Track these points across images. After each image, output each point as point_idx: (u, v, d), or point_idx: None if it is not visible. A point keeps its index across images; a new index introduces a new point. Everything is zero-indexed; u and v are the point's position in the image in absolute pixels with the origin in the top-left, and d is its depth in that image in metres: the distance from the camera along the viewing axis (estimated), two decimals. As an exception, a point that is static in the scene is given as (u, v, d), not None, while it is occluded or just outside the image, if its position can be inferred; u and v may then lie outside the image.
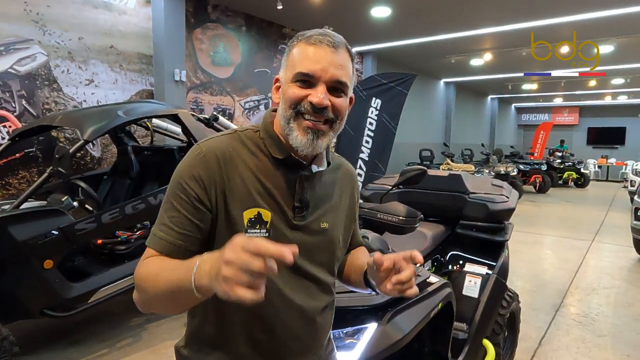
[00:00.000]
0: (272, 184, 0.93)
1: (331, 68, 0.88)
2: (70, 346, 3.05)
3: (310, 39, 0.91)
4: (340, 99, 0.91)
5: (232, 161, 0.91)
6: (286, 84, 0.91)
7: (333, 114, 0.90)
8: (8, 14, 4.31)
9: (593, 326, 3.50)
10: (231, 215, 0.89)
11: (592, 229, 7.39)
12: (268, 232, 0.91)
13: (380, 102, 4.84)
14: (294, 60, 0.90)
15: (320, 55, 0.88)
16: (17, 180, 4.45)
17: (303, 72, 0.88)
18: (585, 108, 20.36)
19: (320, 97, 0.87)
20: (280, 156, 0.94)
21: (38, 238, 2.58)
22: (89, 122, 2.99)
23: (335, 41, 0.91)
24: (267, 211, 0.91)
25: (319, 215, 0.98)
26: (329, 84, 0.89)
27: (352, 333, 1.48)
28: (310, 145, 0.89)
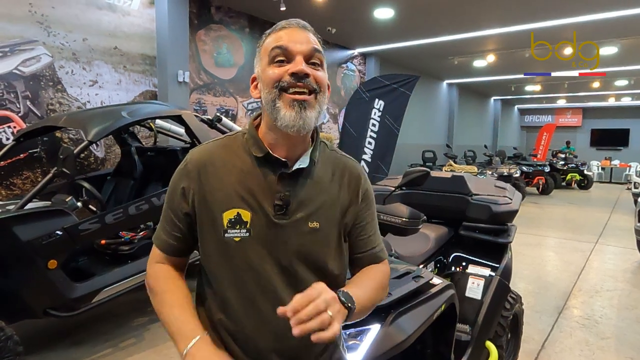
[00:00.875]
0: (254, 183, 0.95)
1: (304, 41, 0.91)
2: (73, 346, 3.06)
3: (278, 26, 0.96)
4: (319, 72, 0.93)
5: (212, 167, 0.96)
6: (264, 71, 0.94)
7: (316, 84, 0.91)
8: (13, 15, 4.33)
9: (596, 328, 3.49)
10: (213, 217, 0.94)
11: (595, 231, 7.36)
12: (248, 232, 0.93)
13: (383, 103, 4.84)
14: (267, 48, 0.93)
15: (291, 34, 0.92)
16: (21, 180, 4.47)
17: (278, 45, 0.91)
18: (589, 109, 20.29)
19: (299, 66, 0.89)
20: (260, 154, 0.95)
21: (42, 238, 2.59)
22: (93, 123, 3.00)
23: (301, 24, 0.95)
24: (246, 211, 0.93)
25: (307, 214, 0.95)
26: (305, 55, 0.91)
27: (355, 334, 1.48)
28: (300, 119, 0.89)
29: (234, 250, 0.93)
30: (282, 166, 0.95)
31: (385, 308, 1.50)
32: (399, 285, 1.60)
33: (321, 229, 0.97)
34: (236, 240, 0.93)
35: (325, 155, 1.05)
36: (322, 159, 1.03)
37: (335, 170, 1.04)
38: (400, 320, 1.50)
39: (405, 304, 1.56)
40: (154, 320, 3.47)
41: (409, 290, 1.60)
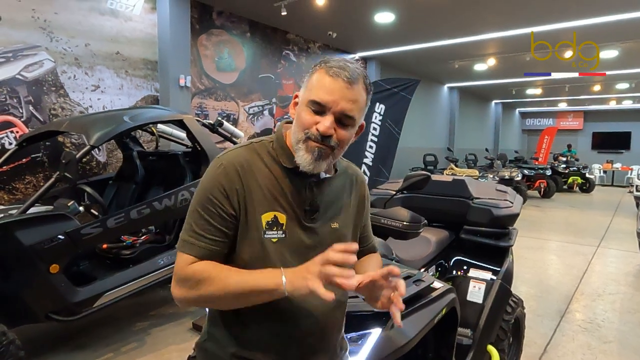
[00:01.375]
0: (285, 189, 1.03)
1: (342, 101, 0.96)
2: (74, 350, 3.06)
3: (330, 70, 0.98)
4: (345, 131, 1.00)
5: (249, 171, 1.02)
6: (302, 105, 1.01)
7: (336, 142, 0.99)
8: (16, 21, 4.36)
9: (599, 332, 3.47)
10: (252, 219, 1.00)
11: (597, 234, 7.35)
12: (284, 233, 1.02)
13: (384, 107, 4.85)
14: (312, 85, 0.99)
15: (334, 88, 0.96)
16: (23, 185, 4.49)
17: (316, 100, 0.97)
18: (590, 113, 20.28)
19: (326, 125, 0.96)
20: (290, 166, 1.03)
21: (44, 242, 2.60)
22: (95, 127, 3.02)
23: (352, 76, 0.97)
24: (282, 214, 1.02)
25: (329, 217, 1.09)
26: (337, 115, 0.97)
27: (357, 338, 1.48)
28: (312, 164, 0.99)
29: (271, 251, 1.01)
30: (310, 176, 1.05)
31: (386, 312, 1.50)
32: (400, 289, 1.60)
33: (340, 229, 1.11)
34: (274, 240, 1.01)
35: (338, 164, 1.15)
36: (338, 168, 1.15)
37: (346, 177, 1.17)
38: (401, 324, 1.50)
39: (407, 307, 1.55)
40: (156, 325, 3.48)
41: (410, 294, 1.60)
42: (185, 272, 0.98)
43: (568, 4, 6.16)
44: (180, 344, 3.16)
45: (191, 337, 3.26)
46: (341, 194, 1.13)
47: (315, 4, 6.00)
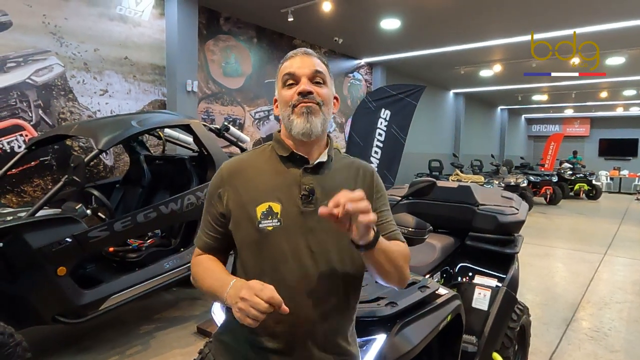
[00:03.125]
0: (281, 180, 1.12)
1: (307, 65, 1.12)
2: (80, 353, 3.08)
3: (288, 56, 1.17)
4: (322, 88, 1.12)
5: (244, 172, 1.15)
6: (279, 93, 1.15)
7: (319, 99, 1.11)
8: (27, 26, 4.43)
9: (605, 341, 3.44)
10: (248, 213, 1.10)
11: (604, 242, 7.29)
12: (279, 221, 1.08)
13: (389, 113, 4.86)
14: (281, 73, 1.15)
15: (296, 60, 1.13)
16: (31, 188, 4.54)
17: (287, 72, 1.13)
18: (597, 119, 20.16)
19: (303, 86, 1.10)
20: (285, 153, 1.14)
21: (52, 245, 2.62)
22: (103, 132, 3.05)
23: (307, 51, 1.16)
24: (276, 204, 1.09)
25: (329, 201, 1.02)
26: (309, 76, 1.11)
27: (361, 344, 1.48)
28: (307, 122, 1.08)
29: (268, 239, 1.08)
30: (305, 162, 1.13)
31: (391, 318, 1.50)
32: (405, 295, 1.60)
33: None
34: (269, 229, 1.08)
35: (340, 158, 1.22)
36: (337, 160, 1.21)
37: (350, 170, 1.21)
38: (406, 331, 1.51)
39: (411, 314, 1.56)
40: (161, 328, 3.49)
41: (415, 300, 1.60)
42: (192, 261, 1.20)
43: (574, 11, 6.16)
44: (185, 347, 3.17)
45: (195, 341, 3.27)
46: (344, 184, 1.10)
47: (321, 10, 6.04)
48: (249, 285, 0.93)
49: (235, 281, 1.00)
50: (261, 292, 0.91)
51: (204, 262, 1.16)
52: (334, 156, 1.20)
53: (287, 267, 1.07)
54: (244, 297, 0.91)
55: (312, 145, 1.14)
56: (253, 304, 0.90)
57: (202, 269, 1.15)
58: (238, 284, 0.98)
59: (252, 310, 0.90)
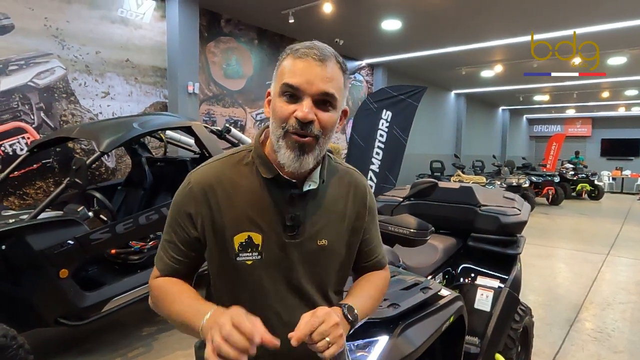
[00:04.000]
0: (263, 204, 0.94)
1: (317, 80, 0.86)
2: (82, 355, 3.08)
3: (298, 52, 0.89)
4: (327, 113, 0.89)
5: (220, 189, 0.94)
6: (275, 98, 0.91)
7: (319, 130, 0.88)
8: (29, 29, 4.45)
9: (609, 342, 3.43)
10: (223, 241, 0.93)
11: (607, 242, 7.26)
12: (260, 255, 0.93)
13: (390, 114, 4.86)
14: (282, 73, 0.90)
15: (305, 68, 0.87)
16: (34, 190, 4.55)
17: (288, 83, 0.87)
18: (599, 119, 20.13)
19: (305, 111, 0.86)
20: (269, 176, 0.94)
21: (54, 247, 2.62)
22: (105, 134, 3.06)
23: (323, 54, 0.89)
24: (257, 234, 0.93)
25: (315, 232, 0.97)
26: (315, 97, 0.87)
27: (363, 346, 1.48)
28: (297, 161, 0.88)
29: (246, 273, 0.94)
30: (292, 187, 0.95)
31: (393, 319, 1.50)
32: (407, 296, 1.60)
33: (329, 245, 0.99)
34: (248, 263, 0.93)
35: (330, 168, 1.04)
36: (329, 175, 1.02)
37: (341, 185, 1.05)
38: (409, 332, 1.50)
39: (414, 315, 1.55)
40: (163, 330, 3.49)
41: (417, 301, 1.59)
42: (150, 284, 1.00)
43: (574, 11, 6.16)
44: (187, 349, 3.17)
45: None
46: (333, 205, 1.01)
47: (322, 12, 6.05)
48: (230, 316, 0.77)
49: (214, 311, 0.82)
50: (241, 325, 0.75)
51: (170, 285, 0.95)
52: (329, 170, 1.02)
53: (267, 304, 0.95)
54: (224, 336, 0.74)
55: None
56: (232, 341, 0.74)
57: (168, 292, 0.94)
58: (214, 314, 0.81)
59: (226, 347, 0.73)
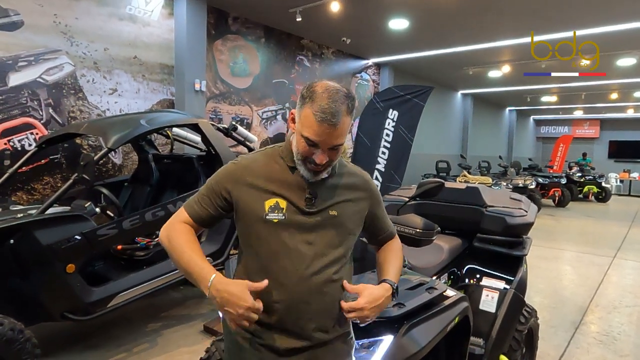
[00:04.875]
0: (290, 181, 1.26)
1: (331, 140, 1.17)
2: (87, 350, 3.11)
3: (317, 115, 1.14)
4: (336, 152, 1.21)
5: (256, 168, 1.28)
6: (298, 134, 1.21)
7: (330, 160, 1.22)
8: (39, 26, 4.48)
9: (614, 346, 3.41)
10: (257, 205, 1.24)
11: (613, 244, 7.21)
12: (284, 216, 1.23)
13: (397, 113, 4.85)
14: (303, 122, 1.17)
15: (321, 132, 1.15)
16: (41, 185, 4.59)
17: (309, 138, 1.16)
18: (607, 121, 19.96)
19: (320, 159, 1.19)
20: (293, 165, 1.26)
21: (62, 242, 2.65)
22: (113, 130, 3.07)
23: (336, 118, 1.14)
24: (283, 200, 1.24)
25: (328, 206, 1.26)
26: (329, 147, 1.18)
27: (368, 345, 1.48)
28: (314, 177, 1.23)
29: (272, 229, 1.22)
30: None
31: (398, 319, 1.50)
32: (412, 296, 1.60)
33: (339, 217, 1.28)
34: (275, 221, 1.22)
35: (342, 167, 1.35)
36: (339, 171, 1.33)
37: (349, 179, 1.36)
38: (414, 332, 1.50)
39: (419, 315, 1.56)
40: (167, 326, 3.51)
41: (422, 301, 1.59)
42: (173, 222, 1.30)
43: (585, 12, 6.10)
44: (192, 346, 3.19)
45: (202, 339, 3.29)
46: (343, 190, 1.31)
47: (330, 11, 6.04)
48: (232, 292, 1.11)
49: (215, 277, 1.14)
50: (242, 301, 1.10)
51: (186, 233, 1.26)
52: (338, 168, 1.33)
53: (287, 254, 1.21)
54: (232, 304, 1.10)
55: None
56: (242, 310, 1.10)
57: (182, 240, 1.24)
58: (220, 285, 1.13)
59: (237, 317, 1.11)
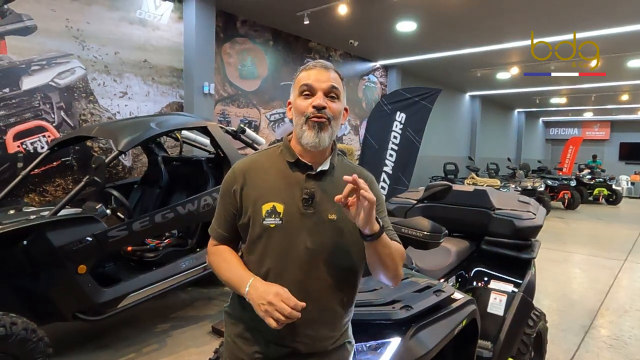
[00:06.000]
0: (286, 182, 1.23)
1: (325, 79, 1.21)
2: (98, 350, 3.15)
3: (307, 66, 1.25)
4: (335, 103, 1.22)
5: (254, 171, 1.26)
6: (295, 100, 1.24)
7: (331, 114, 1.20)
8: (51, 30, 4.56)
9: (625, 350, 3.37)
10: (255, 209, 1.22)
11: (624, 248, 7.12)
12: (281, 220, 1.20)
13: (404, 116, 4.84)
14: (299, 81, 1.23)
15: (315, 74, 1.22)
16: (53, 187, 4.65)
17: (305, 83, 1.21)
18: (617, 122, 19.73)
19: (318, 100, 1.19)
20: (292, 160, 1.25)
21: (73, 244, 2.69)
22: (123, 133, 3.12)
23: (327, 65, 1.24)
24: (280, 204, 1.21)
25: (326, 208, 1.22)
26: (325, 91, 1.20)
27: (375, 347, 1.49)
28: (316, 137, 1.19)
29: (270, 234, 1.21)
30: (309, 169, 1.24)
31: (406, 322, 1.51)
32: (419, 299, 1.61)
33: (338, 221, 1.22)
34: (272, 226, 1.20)
35: (343, 164, 1.33)
36: (339, 166, 1.30)
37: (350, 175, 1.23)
38: (421, 335, 1.51)
39: (426, 318, 1.56)
40: (176, 327, 3.54)
41: (430, 304, 1.60)
42: (209, 250, 1.34)
43: (593, 13, 6.06)
44: (200, 347, 3.21)
45: (210, 340, 3.31)
46: (343, 189, 1.20)
47: (337, 13, 6.07)
48: (277, 292, 1.10)
49: (253, 280, 1.16)
50: (288, 300, 1.09)
51: (221, 252, 1.30)
52: (338, 163, 1.30)
53: (284, 259, 1.20)
54: (271, 302, 1.08)
55: (317, 154, 1.24)
56: (279, 308, 1.08)
57: (220, 259, 1.29)
58: (258, 285, 1.14)
59: (277, 313, 1.07)
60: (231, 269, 1.24)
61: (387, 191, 4.80)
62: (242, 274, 1.21)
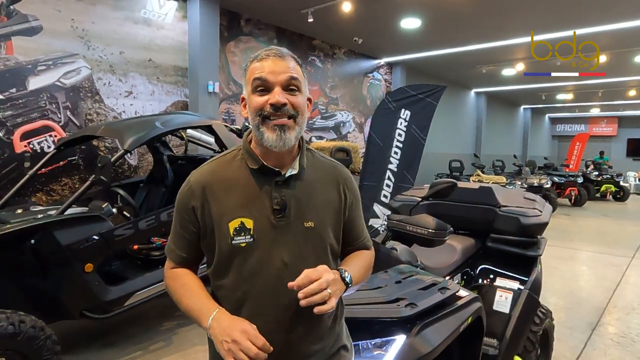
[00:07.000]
0: (253, 193, 1.07)
1: (282, 70, 1.03)
2: (105, 347, 3.17)
3: (259, 56, 1.07)
4: (296, 97, 1.05)
5: (215, 184, 1.09)
6: (249, 97, 1.06)
7: (293, 110, 1.04)
8: (57, 31, 4.59)
9: (633, 347, 3.35)
10: (220, 228, 1.06)
11: (632, 244, 7.06)
12: (252, 237, 1.06)
13: (409, 113, 4.82)
14: (251, 73, 1.05)
15: (270, 64, 1.04)
16: (60, 186, 4.69)
17: (257, 76, 1.03)
18: (625, 118, 19.56)
19: (277, 97, 1.01)
20: (255, 166, 1.08)
21: (80, 242, 2.71)
22: (129, 133, 3.13)
23: (281, 52, 1.07)
24: (248, 219, 1.06)
25: (301, 214, 1.09)
26: (283, 84, 1.03)
27: (380, 344, 1.49)
28: (280, 140, 1.03)
29: (241, 254, 1.06)
30: (276, 175, 1.09)
31: (411, 319, 1.50)
32: (424, 296, 1.60)
33: (316, 228, 1.10)
34: (242, 245, 1.05)
35: (314, 161, 1.18)
36: (311, 165, 1.15)
37: (324, 174, 1.17)
38: (426, 332, 1.50)
39: (431, 315, 1.56)
40: (182, 325, 3.56)
41: (435, 301, 1.59)
42: (165, 274, 1.18)
43: (598, 8, 6.00)
44: (206, 344, 3.20)
45: (216, 338, 3.32)
46: (318, 191, 1.13)
47: (341, 11, 6.06)
48: (244, 329, 0.95)
49: (217, 313, 1.01)
50: (255, 339, 0.95)
51: (180, 277, 1.14)
52: (309, 161, 1.15)
53: (261, 280, 1.06)
54: (236, 340, 0.93)
55: (283, 155, 1.09)
56: (244, 348, 0.93)
57: (178, 284, 1.12)
58: (222, 319, 0.99)
59: (241, 354, 0.92)
60: (191, 297, 1.07)
61: (392, 189, 4.79)
62: (203, 303, 1.04)
